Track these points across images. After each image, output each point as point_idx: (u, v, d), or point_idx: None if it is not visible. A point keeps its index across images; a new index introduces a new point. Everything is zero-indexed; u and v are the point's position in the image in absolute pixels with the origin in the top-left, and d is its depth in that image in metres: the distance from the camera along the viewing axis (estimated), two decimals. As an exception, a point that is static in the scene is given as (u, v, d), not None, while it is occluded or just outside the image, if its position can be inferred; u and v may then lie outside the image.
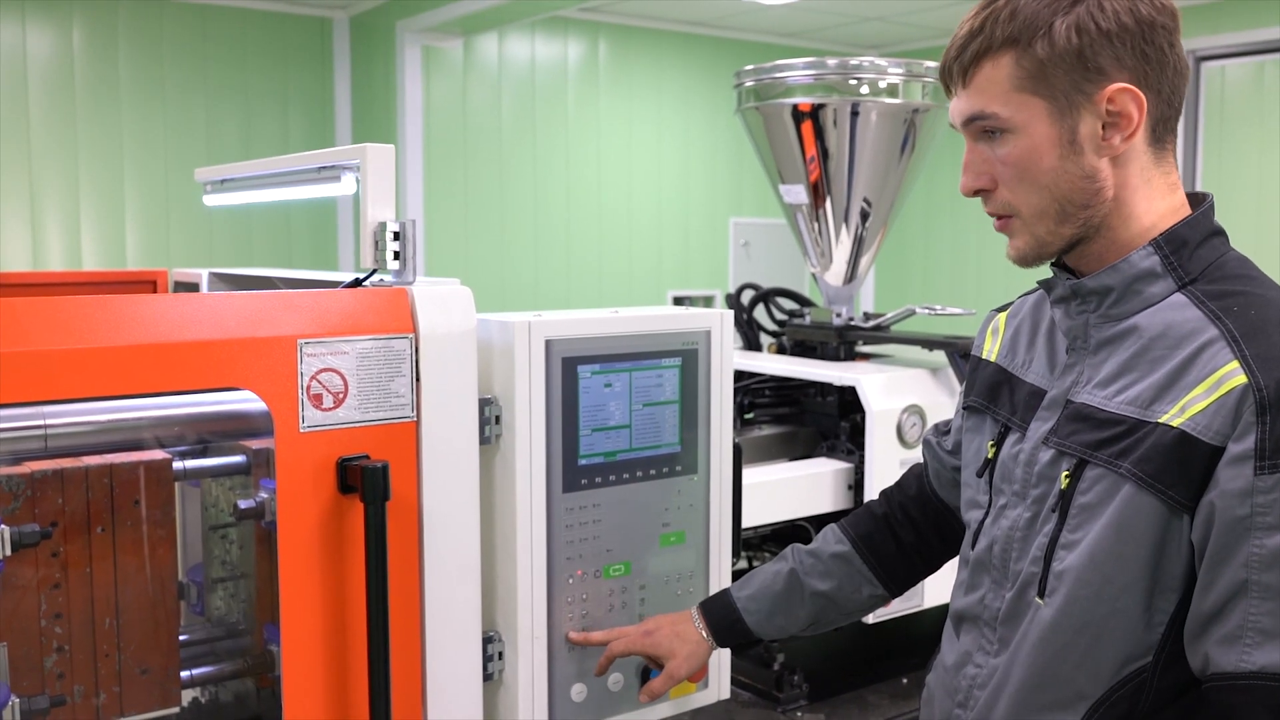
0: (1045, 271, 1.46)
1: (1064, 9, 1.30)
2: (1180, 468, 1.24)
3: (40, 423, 1.65)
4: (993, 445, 1.50)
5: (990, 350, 1.60)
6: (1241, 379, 1.21)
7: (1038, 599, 1.36)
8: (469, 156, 7.38)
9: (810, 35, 9.09)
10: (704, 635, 1.80)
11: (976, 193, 1.41)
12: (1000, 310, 1.65)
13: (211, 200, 2.24)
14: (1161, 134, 1.35)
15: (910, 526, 1.77)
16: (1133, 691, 1.30)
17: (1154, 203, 1.36)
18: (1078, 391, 1.38)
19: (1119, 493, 1.28)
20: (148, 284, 2.56)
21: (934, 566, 1.81)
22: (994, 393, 1.54)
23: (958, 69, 1.37)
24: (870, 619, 2.51)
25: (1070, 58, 1.29)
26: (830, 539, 1.81)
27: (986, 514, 1.49)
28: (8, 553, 1.64)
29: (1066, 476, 1.34)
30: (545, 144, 7.90)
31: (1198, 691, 1.27)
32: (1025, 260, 1.41)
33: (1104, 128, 1.32)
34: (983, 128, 1.37)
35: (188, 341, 1.47)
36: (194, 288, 2.55)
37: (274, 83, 6.78)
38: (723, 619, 1.80)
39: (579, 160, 8.10)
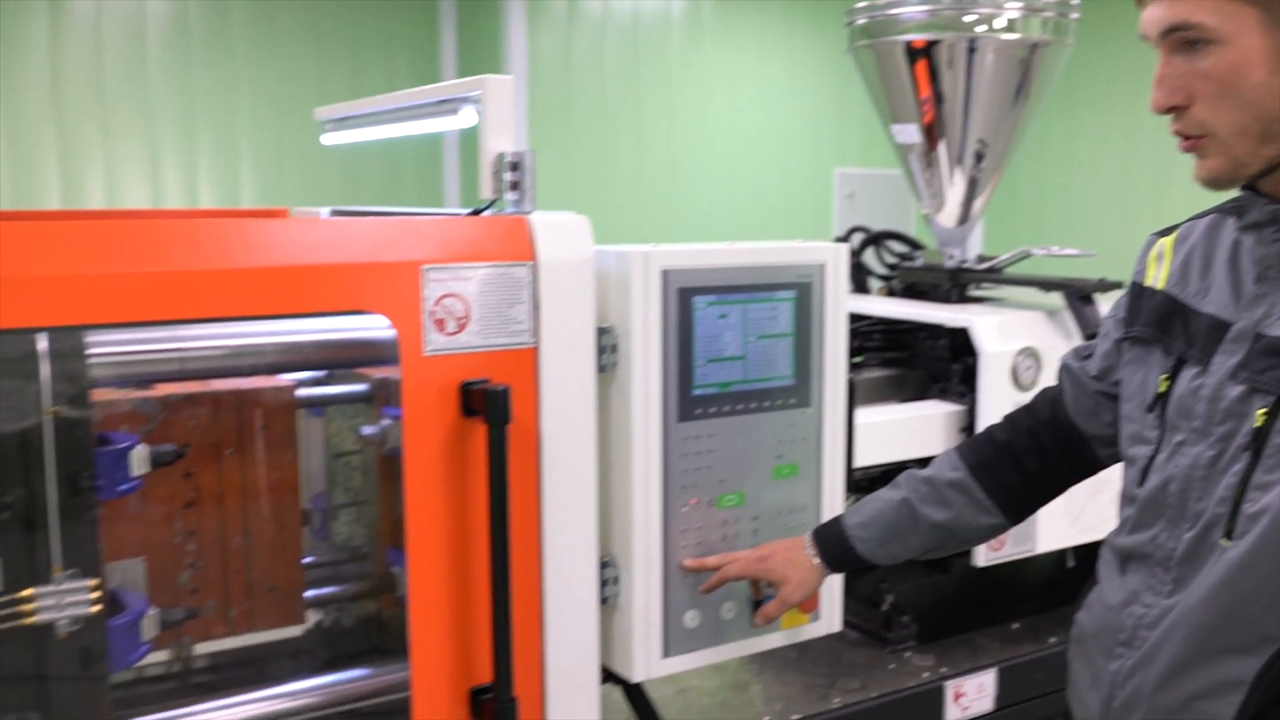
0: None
1: None
2: None
3: (176, 346, 1.71)
4: (1165, 379, 1.43)
5: (1155, 277, 1.51)
6: None
7: (1223, 540, 1.31)
8: (571, 107, 7.40)
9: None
10: (816, 562, 1.80)
11: (1169, 110, 1.33)
12: (1163, 234, 1.56)
13: (330, 139, 2.29)
14: None
15: (1037, 453, 1.72)
16: None
17: None
18: (1271, 324, 1.31)
19: None
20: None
21: (1056, 491, 1.76)
22: (1165, 322, 1.46)
23: None
24: (981, 562, 2.49)
25: None
26: (945, 466, 1.78)
27: (1157, 450, 1.43)
28: (146, 470, 1.72)
29: (1264, 414, 1.28)
30: (648, 95, 7.87)
31: None
32: (1218, 182, 1.33)
33: None
34: (1183, 39, 1.29)
35: (318, 265, 1.51)
36: (314, 226, 2.61)
37: (381, 31, 6.87)
38: (834, 545, 1.80)
39: (682, 112, 8.06)
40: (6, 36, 5.63)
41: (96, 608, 1.59)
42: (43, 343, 1.54)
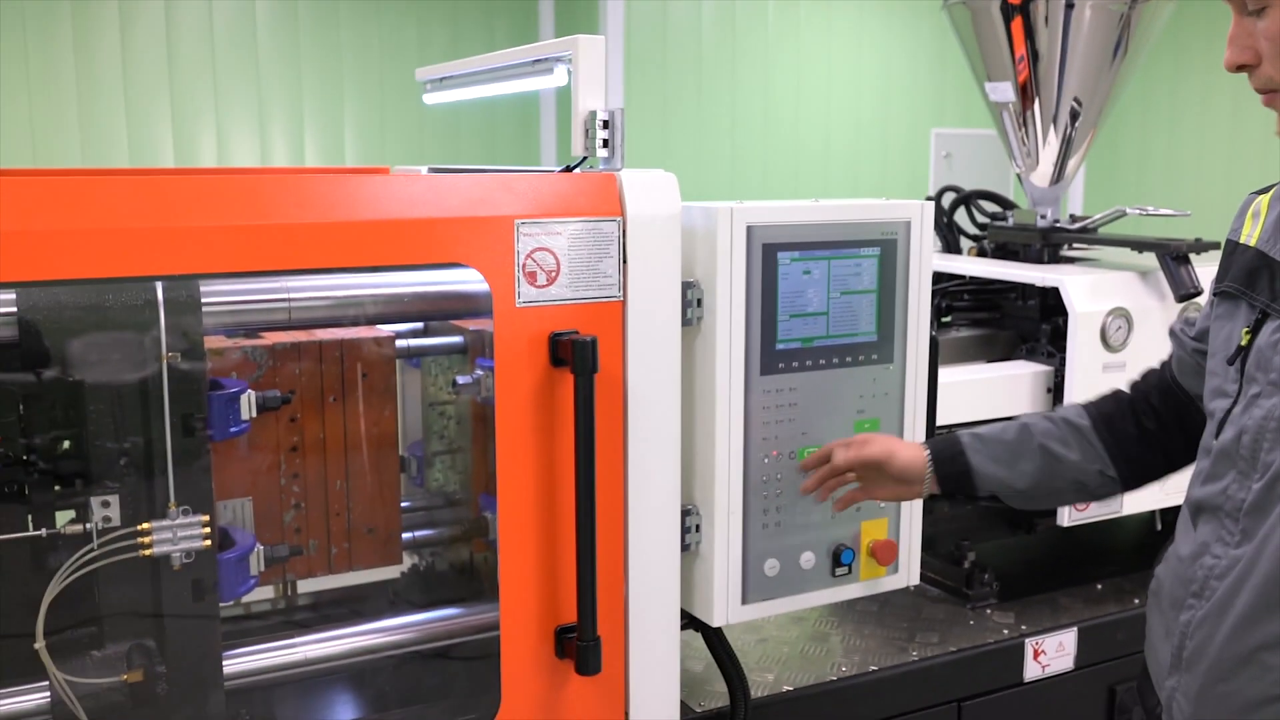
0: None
1: None
2: None
3: (285, 296, 1.80)
4: (1247, 332, 1.45)
5: (1250, 235, 1.52)
6: None
7: None
8: (667, 66, 7.42)
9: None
10: (926, 455, 1.79)
11: (1240, 68, 1.37)
12: (1261, 193, 1.57)
13: (431, 98, 2.36)
14: None
15: (1153, 414, 1.74)
16: None
17: None
18: None
19: None
20: (371, 179, 2.72)
21: (1172, 462, 1.76)
22: (1252, 278, 1.48)
23: None
24: (1066, 522, 2.50)
25: None
26: (1070, 412, 1.79)
27: (1235, 403, 1.45)
28: (254, 414, 1.81)
29: None
30: (744, 54, 7.85)
31: None
32: None
33: None
34: (1245, 1, 1.33)
35: (415, 219, 1.58)
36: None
37: (481, -4, 6.98)
38: (947, 447, 1.80)
39: (778, 70, 8.02)
40: (124, 6, 5.84)
41: (208, 542, 1.70)
42: (160, 292, 1.64)
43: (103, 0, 5.90)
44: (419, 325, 2.18)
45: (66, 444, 1.68)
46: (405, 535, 2.13)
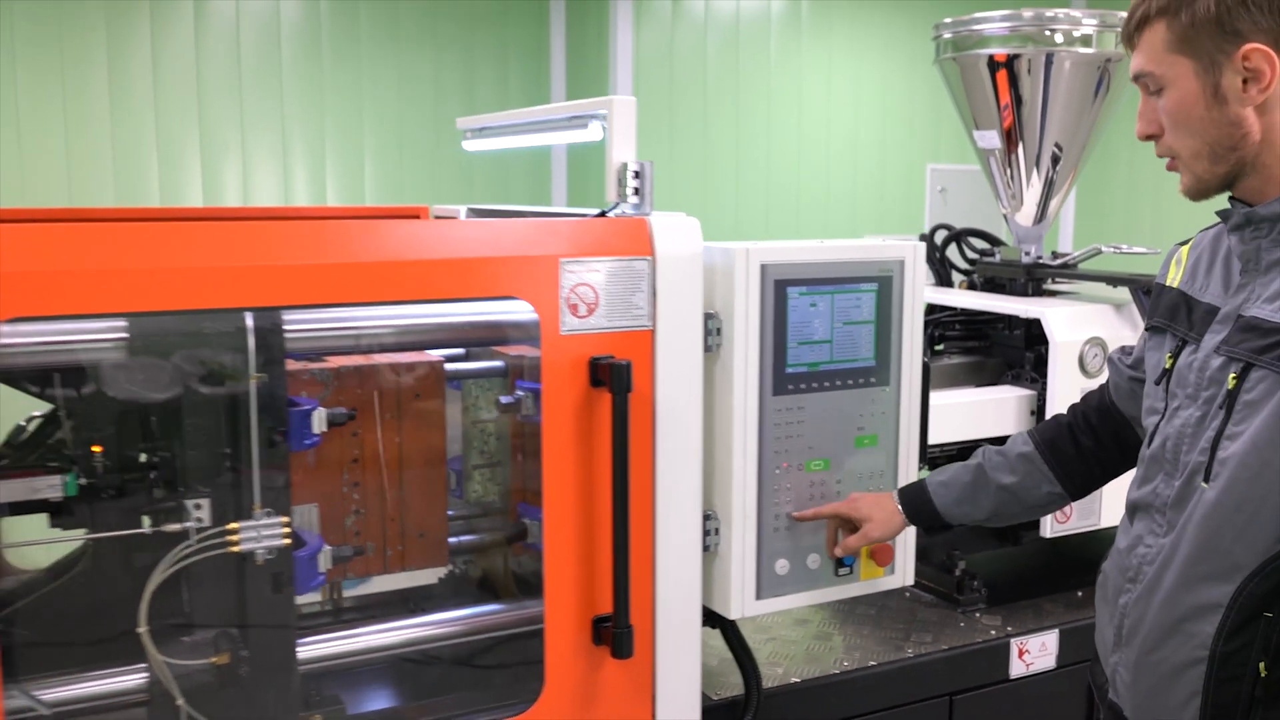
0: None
1: None
2: None
3: (354, 325, 2.04)
4: (1170, 357, 1.72)
5: (1173, 278, 1.80)
6: None
7: (1203, 483, 1.58)
8: (675, 104, 7.69)
9: (1016, -21, 8.98)
10: (898, 509, 2.09)
11: (1148, 138, 1.65)
12: (1183, 244, 1.86)
13: (471, 145, 2.61)
14: None
15: (1090, 433, 2.01)
16: None
17: None
18: (1248, 306, 1.59)
19: (1279, 390, 1.49)
20: (412, 217, 2.96)
21: (1108, 472, 2.04)
22: (1174, 313, 1.75)
23: (1126, 34, 1.62)
24: (1048, 533, 2.73)
25: (1210, 24, 1.52)
26: (1018, 441, 2.08)
27: (1163, 417, 1.71)
28: (324, 429, 2.05)
29: (1234, 378, 1.55)
30: (747, 92, 8.12)
31: None
32: (1192, 195, 1.65)
33: (1244, 82, 1.53)
34: (1146, 84, 1.61)
35: (476, 258, 1.83)
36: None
37: (494, 37, 7.24)
38: (916, 497, 2.11)
39: (779, 107, 8.29)
40: (157, 54, 6.12)
41: (287, 540, 1.93)
42: (249, 320, 1.88)
43: (135, 47, 6.18)
44: (461, 351, 2.42)
45: (167, 453, 1.92)
46: (452, 539, 2.36)
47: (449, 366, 2.31)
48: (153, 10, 6.23)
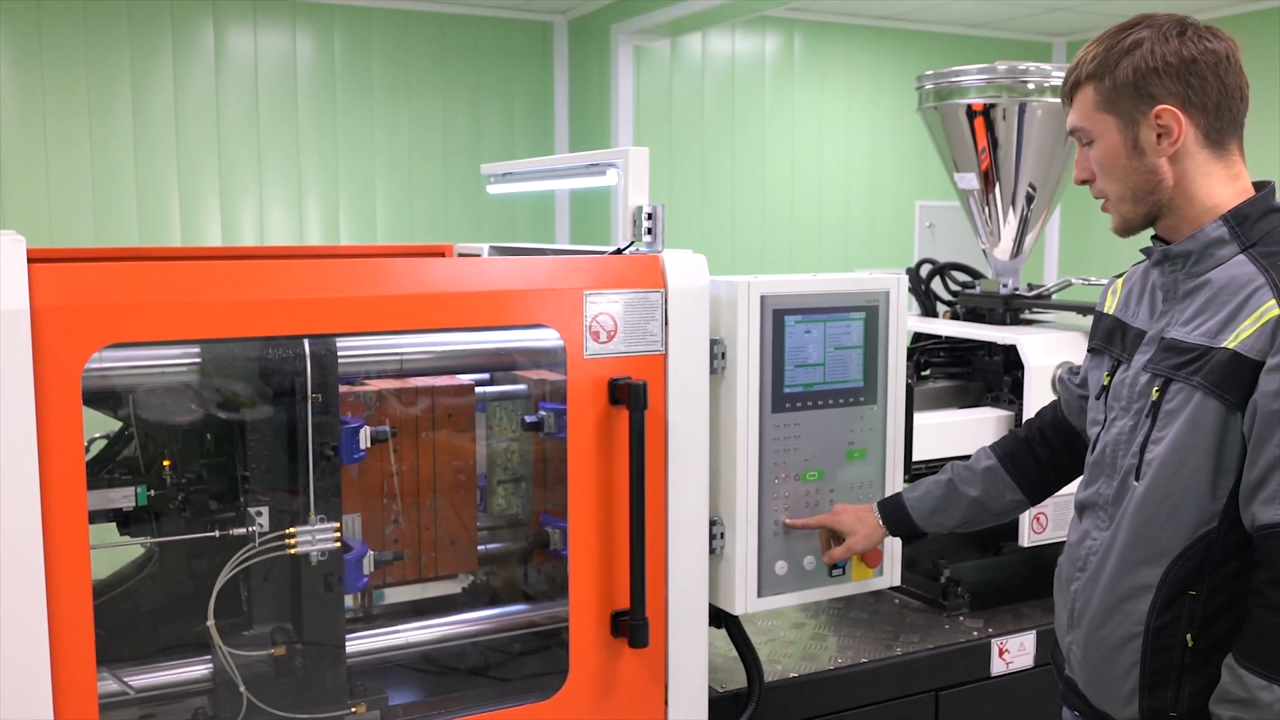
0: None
1: (1128, 51, 1.79)
2: (1234, 379, 1.71)
3: (398, 352, 2.28)
4: (1108, 375, 1.99)
5: (1110, 306, 2.08)
6: (1276, 312, 1.68)
7: (1134, 481, 1.83)
8: (674, 146, 7.99)
9: (996, 25, 9.33)
10: (879, 522, 2.32)
11: (1083, 182, 1.92)
12: (1119, 276, 2.13)
13: (495, 189, 2.85)
14: (1217, 138, 1.81)
15: (1045, 445, 2.26)
16: (1203, 549, 1.77)
17: (1214, 188, 1.82)
18: (1168, 330, 1.85)
19: (1192, 400, 1.75)
20: (438, 254, 3.20)
21: (1063, 478, 2.29)
22: (1110, 337, 2.02)
23: (1064, 94, 1.89)
24: (1026, 543, 2.96)
25: (1129, 88, 1.79)
26: (981, 456, 2.32)
27: (1103, 427, 1.97)
28: (369, 445, 2.28)
29: (1157, 391, 1.82)
30: (743, 134, 8.43)
31: (1251, 548, 1.72)
32: (1120, 232, 1.91)
33: (1158, 137, 1.80)
34: (1079, 137, 1.88)
35: (509, 290, 2.07)
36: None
37: (500, 80, 7.55)
38: (894, 511, 2.34)
39: (774, 148, 8.60)
40: (179, 91, 6.39)
41: (338, 544, 2.16)
42: (307, 346, 2.11)
43: (158, 89, 6.45)
44: (486, 376, 2.66)
45: (233, 465, 2.15)
46: (480, 547, 2.58)
47: (481, 389, 2.55)
48: (175, 56, 6.52)
